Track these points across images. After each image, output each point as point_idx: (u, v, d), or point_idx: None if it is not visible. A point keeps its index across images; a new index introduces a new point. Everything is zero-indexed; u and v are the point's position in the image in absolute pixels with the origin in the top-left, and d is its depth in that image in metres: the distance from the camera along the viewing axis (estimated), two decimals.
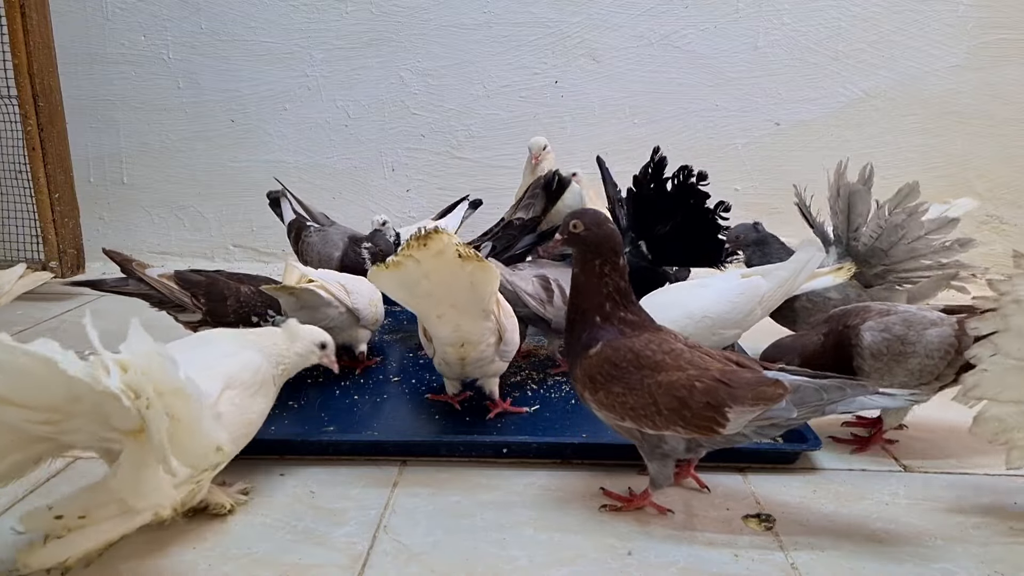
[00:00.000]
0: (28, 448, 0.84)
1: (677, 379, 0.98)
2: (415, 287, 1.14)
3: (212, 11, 2.60)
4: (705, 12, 2.52)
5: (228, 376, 1.01)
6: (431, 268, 1.10)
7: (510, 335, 1.29)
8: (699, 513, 1.09)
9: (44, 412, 0.78)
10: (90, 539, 0.84)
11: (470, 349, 1.25)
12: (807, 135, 2.58)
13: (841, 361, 1.21)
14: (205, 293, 1.54)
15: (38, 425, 0.79)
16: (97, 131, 2.70)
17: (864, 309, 1.26)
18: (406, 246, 1.09)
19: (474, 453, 1.23)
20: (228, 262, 2.76)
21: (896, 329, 1.19)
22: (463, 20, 2.57)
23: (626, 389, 1.00)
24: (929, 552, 1.00)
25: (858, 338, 1.20)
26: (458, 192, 2.54)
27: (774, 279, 1.45)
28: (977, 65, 2.49)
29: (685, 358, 1.00)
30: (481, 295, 1.17)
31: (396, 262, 1.10)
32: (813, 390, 0.96)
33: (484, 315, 1.21)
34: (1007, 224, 2.62)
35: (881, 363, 1.19)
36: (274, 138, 2.70)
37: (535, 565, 0.96)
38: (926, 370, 1.19)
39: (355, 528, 1.04)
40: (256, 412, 1.05)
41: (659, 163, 1.69)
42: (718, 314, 1.43)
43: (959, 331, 1.17)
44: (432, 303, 1.18)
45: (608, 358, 1.02)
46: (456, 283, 1.13)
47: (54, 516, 0.81)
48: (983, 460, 1.25)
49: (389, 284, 1.15)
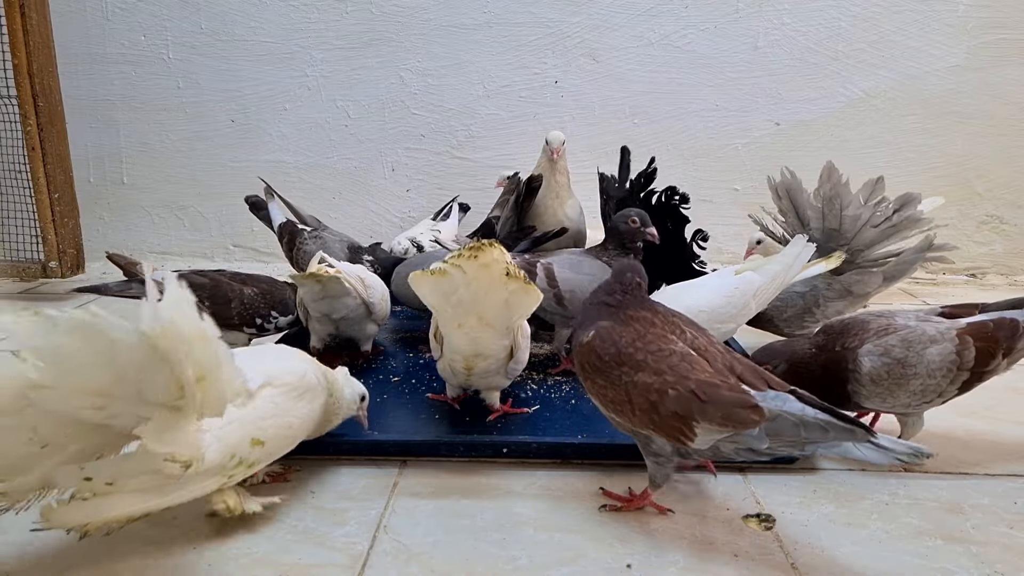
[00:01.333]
0: (84, 439, 0.84)
1: (652, 383, 0.96)
2: (451, 295, 1.12)
3: (212, 11, 2.60)
4: (705, 12, 2.52)
5: (271, 374, 1.01)
6: (473, 279, 1.09)
7: (521, 354, 1.29)
8: (699, 513, 1.09)
9: (90, 396, 0.77)
10: (114, 507, 0.84)
11: (480, 362, 1.24)
12: (807, 135, 2.58)
13: (832, 382, 1.18)
14: (209, 296, 1.55)
15: (88, 411, 0.78)
16: (97, 131, 2.70)
17: (861, 327, 1.20)
18: (457, 255, 1.07)
19: (474, 453, 1.23)
20: (228, 262, 2.76)
21: (896, 352, 1.15)
22: (463, 20, 2.57)
23: (607, 383, 1.01)
24: (929, 552, 1.00)
25: (856, 363, 1.16)
26: (458, 192, 2.54)
27: (767, 273, 1.48)
28: (977, 65, 2.49)
29: (670, 361, 0.97)
30: (512, 314, 1.16)
31: (442, 270, 1.08)
32: (792, 424, 0.90)
33: (506, 333, 1.21)
34: (1007, 224, 2.62)
35: (882, 387, 1.15)
36: (274, 138, 2.70)
37: (535, 565, 0.96)
38: (928, 390, 1.16)
39: (355, 528, 1.04)
40: (297, 416, 1.04)
41: (650, 175, 1.76)
42: (713, 309, 1.44)
43: (960, 346, 1.14)
44: (460, 312, 1.16)
45: (594, 349, 1.03)
46: (492, 298, 1.12)
47: (83, 477, 0.81)
48: (983, 460, 1.25)
49: (426, 289, 1.13)
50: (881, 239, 1.60)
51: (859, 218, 1.57)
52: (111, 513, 0.84)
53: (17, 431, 0.80)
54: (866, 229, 1.58)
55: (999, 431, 1.37)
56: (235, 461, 0.94)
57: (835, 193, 1.57)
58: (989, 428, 1.38)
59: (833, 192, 1.57)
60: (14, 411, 0.78)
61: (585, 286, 1.42)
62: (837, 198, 1.57)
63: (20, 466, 0.83)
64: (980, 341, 1.15)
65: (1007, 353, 1.16)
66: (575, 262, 1.55)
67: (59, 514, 0.82)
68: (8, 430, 0.79)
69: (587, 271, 1.52)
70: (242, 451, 0.94)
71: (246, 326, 1.59)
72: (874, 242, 1.60)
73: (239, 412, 0.95)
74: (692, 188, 2.59)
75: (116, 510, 0.84)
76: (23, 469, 0.83)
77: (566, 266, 1.53)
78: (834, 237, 1.60)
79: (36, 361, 0.75)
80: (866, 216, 1.57)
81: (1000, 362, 1.16)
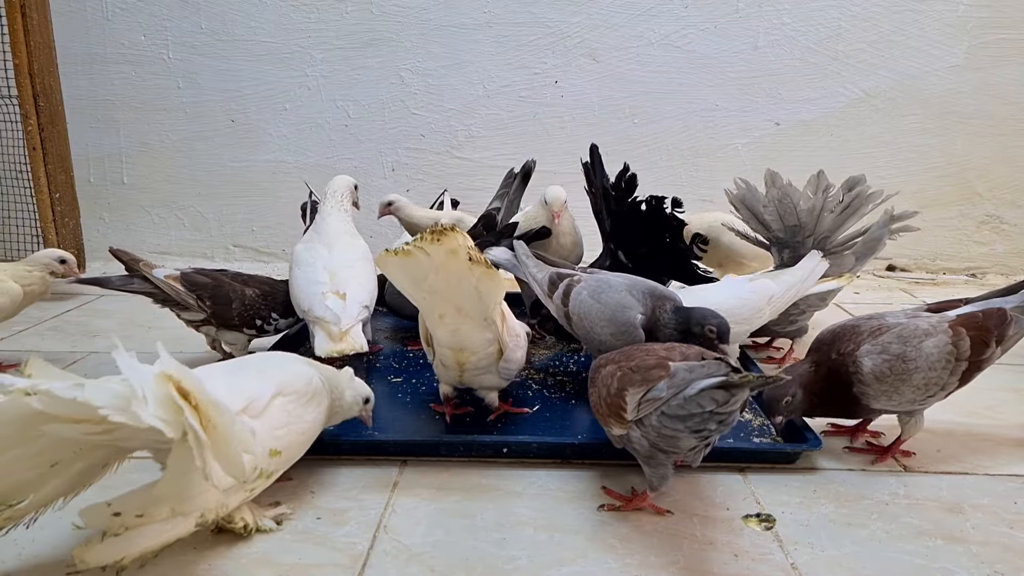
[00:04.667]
0: (91, 455, 0.84)
1: (610, 371, 1.08)
2: (422, 280, 1.13)
3: (212, 11, 2.60)
4: (705, 12, 2.52)
5: (280, 383, 1.02)
6: (440, 264, 1.09)
7: (512, 353, 1.26)
8: (699, 513, 1.09)
9: (97, 424, 0.77)
10: (147, 538, 0.84)
11: (469, 356, 1.24)
12: (807, 135, 2.59)
13: (839, 389, 1.18)
14: (211, 296, 1.55)
15: (95, 436, 0.79)
16: (97, 131, 2.70)
17: (853, 332, 1.20)
18: (419, 238, 1.08)
19: (474, 453, 1.23)
20: (228, 262, 2.76)
21: (893, 348, 1.15)
22: (463, 20, 2.57)
23: (592, 388, 1.13)
24: (929, 552, 1.00)
25: (857, 365, 1.16)
26: (458, 192, 2.54)
27: (782, 283, 1.52)
28: (977, 65, 2.49)
29: (629, 353, 1.09)
30: (485, 302, 1.16)
31: (406, 250, 1.09)
32: (685, 371, 0.98)
33: (485, 324, 1.20)
34: (1007, 224, 2.62)
35: (887, 385, 1.15)
36: (274, 138, 2.70)
37: (535, 565, 0.96)
38: (931, 383, 1.16)
39: (355, 528, 1.04)
40: (308, 422, 1.05)
41: (629, 181, 1.73)
42: (729, 309, 1.44)
43: (954, 337, 1.15)
44: (436, 300, 1.17)
45: (593, 367, 1.16)
46: (463, 285, 1.12)
47: (112, 513, 0.81)
48: (983, 460, 1.25)
49: (395, 271, 1.14)
50: (841, 222, 1.65)
51: (814, 208, 1.63)
52: (146, 544, 0.84)
53: (28, 455, 0.80)
54: (824, 216, 1.63)
55: (999, 431, 1.37)
56: (256, 473, 0.94)
57: (783, 194, 1.64)
58: (989, 428, 1.38)
59: (781, 194, 1.64)
60: (26, 440, 0.79)
61: (594, 316, 1.33)
62: (787, 198, 1.64)
63: (31, 485, 0.83)
64: (973, 331, 1.16)
65: (999, 341, 1.18)
66: (602, 288, 1.36)
67: (94, 554, 0.81)
68: (19, 456, 0.80)
69: (605, 300, 1.34)
70: (262, 463, 0.95)
71: (246, 327, 1.59)
72: (836, 226, 1.65)
73: (256, 424, 0.96)
74: (692, 188, 2.62)
75: (150, 540, 0.84)
76: (34, 487, 0.83)
77: (587, 290, 1.38)
78: (798, 232, 1.66)
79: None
80: (819, 204, 1.63)
81: (994, 350, 1.18)
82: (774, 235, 1.69)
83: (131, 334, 1.90)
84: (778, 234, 1.68)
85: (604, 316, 1.32)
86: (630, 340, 1.28)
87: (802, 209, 1.63)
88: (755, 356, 1.73)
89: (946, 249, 2.66)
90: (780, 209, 1.65)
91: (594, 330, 1.33)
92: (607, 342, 1.30)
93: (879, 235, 1.65)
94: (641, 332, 1.29)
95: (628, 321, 1.29)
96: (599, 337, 1.33)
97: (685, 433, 0.98)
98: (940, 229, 2.63)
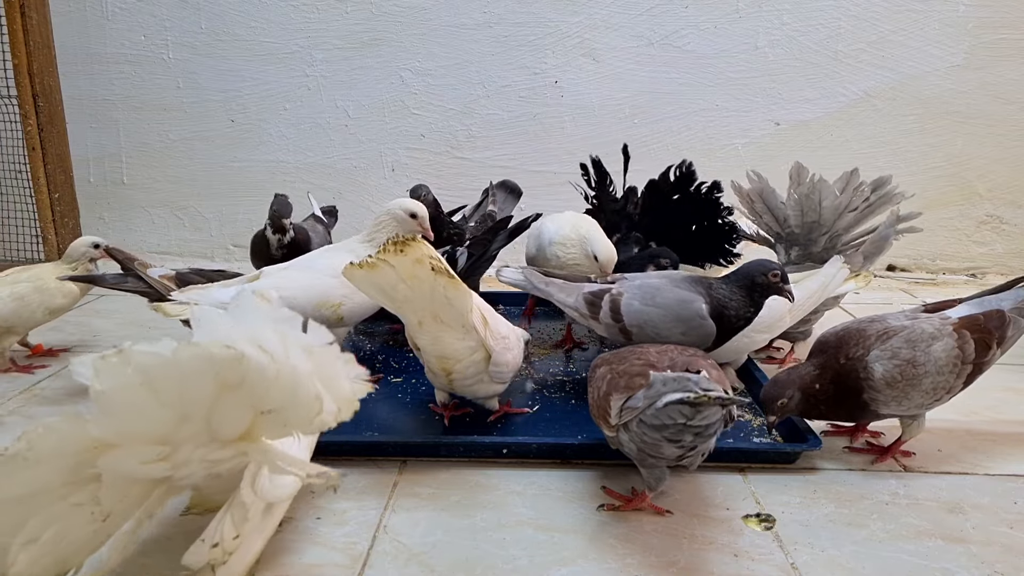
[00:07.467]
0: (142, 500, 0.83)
1: (602, 373, 1.10)
2: (392, 291, 1.11)
3: (212, 11, 2.60)
4: (705, 12, 2.52)
5: None
6: (408, 275, 1.08)
7: (500, 356, 1.22)
8: (699, 513, 1.09)
9: (154, 445, 0.75)
10: (249, 553, 0.87)
11: (453, 364, 1.22)
12: (807, 135, 2.58)
13: (847, 394, 1.17)
14: None
15: (152, 465, 0.76)
16: (97, 131, 2.70)
17: (860, 335, 1.19)
18: (383, 249, 1.07)
19: (474, 453, 1.23)
20: (228, 262, 2.76)
21: (904, 353, 1.14)
22: (463, 20, 2.57)
23: (590, 386, 1.15)
24: (929, 552, 1.00)
25: (867, 371, 1.15)
26: (459, 192, 2.54)
27: (804, 289, 1.50)
28: (977, 65, 2.49)
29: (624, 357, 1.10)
30: (459, 310, 1.15)
31: (371, 263, 1.08)
32: (660, 382, 0.98)
33: (464, 331, 1.18)
34: (1007, 224, 2.62)
35: (897, 390, 1.14)
36: (274, 138, 2.70)
37: (535, 565, 0.96)
38: (939, 387, 1.16)
39: (355, 528, 1.04)
40: None
41: (688, 171, 1.79)
42: None
43: (960, 340, 1.15)
44: (412, 309, 1.16)
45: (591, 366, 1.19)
46: (434, 294, 1.11)
47: (211, 546, 0.82)
48: (983, 460, 1.25)
49: (363, 283, 1.12)
50: (858, 221, 1.66)
51: (839, 206, 1.62)
52: (249, 558, 0.87)
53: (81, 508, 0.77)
54: (845, 214, 1.63)
55: (999, 431, 1.37)
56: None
57: (812, 190, 1.63)
58: (989, 428, 1.38)
59: (810, 189, 1.63)
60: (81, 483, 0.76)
61: (657, 321, 1.28)
62: (815, 193, 1.62)
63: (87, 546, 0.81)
64: (976, 333, 1.17)
65: (1000, 342, 1.19)
66: (652, 291, 1.32)
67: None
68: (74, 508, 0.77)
69: (662, 302, 1.30)
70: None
71: None
72: (852, 225, 1.66)
73: None
74: None
75: (251, 554, 0.88)
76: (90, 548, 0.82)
77: (637, 296, 1.32)
78: (815, 228, 1.66)
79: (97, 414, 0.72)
80: (845, 202, 1.62)
81: (995, 351, 1.19)
82: (789, 231, 1.68)
83: (131, 334, 1.90)
84: (794, 230, 1.67)
85: (669, 318, 1.28)
86: (703, 334, 1.27)
87: (826, 206, 1.62)
88: (755, 356, 1.73)
89: (946, 249, 2.66)
90: (804, 205, 1.64)
91: (661, 335, 1.29)
92: (681, 343, 1.25)
93: (886, 235, 1.65)
94: (710, 322, 1.27)
95: (696, 313, 1.27)
96: (670, 340, 1.27)
97: (663, 442, 0.98)
98: (940, 229, 2.63)
